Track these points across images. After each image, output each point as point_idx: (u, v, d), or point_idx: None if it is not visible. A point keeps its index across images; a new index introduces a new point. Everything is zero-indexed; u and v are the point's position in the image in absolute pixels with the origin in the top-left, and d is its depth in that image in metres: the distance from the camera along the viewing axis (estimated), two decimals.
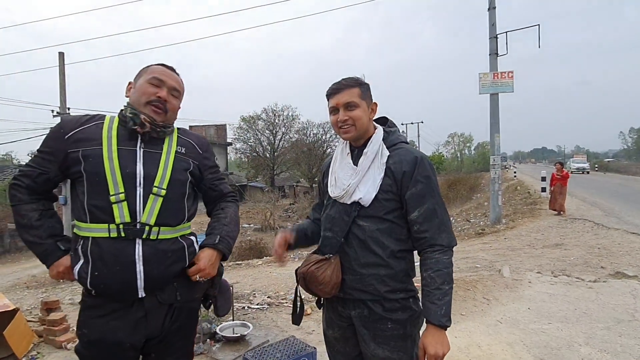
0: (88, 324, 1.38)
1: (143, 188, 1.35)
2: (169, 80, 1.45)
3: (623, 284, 4.76)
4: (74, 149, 1.35)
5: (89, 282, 1.33)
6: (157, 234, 1.36)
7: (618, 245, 6.88)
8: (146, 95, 1.41)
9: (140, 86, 1.43)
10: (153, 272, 1.35)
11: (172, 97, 1.46)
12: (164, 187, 1.39)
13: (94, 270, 1.32)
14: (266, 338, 3.40)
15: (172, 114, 1.47)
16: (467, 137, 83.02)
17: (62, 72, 14.22)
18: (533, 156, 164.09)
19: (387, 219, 1.45)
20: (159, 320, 1.41)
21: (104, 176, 1.32)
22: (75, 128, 1.38)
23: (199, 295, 1.54)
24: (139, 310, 1.38)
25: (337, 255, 1.48)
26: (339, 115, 1.48)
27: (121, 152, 1.36)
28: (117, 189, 1.32)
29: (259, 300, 4.58)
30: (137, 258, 1.32)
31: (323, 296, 1.52)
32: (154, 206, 1.36)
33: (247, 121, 37.18)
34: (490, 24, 10.89)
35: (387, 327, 1.44)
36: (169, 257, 1.39)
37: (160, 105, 1.41)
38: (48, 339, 3.33)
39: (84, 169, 1.33)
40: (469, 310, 4.07)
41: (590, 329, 3.51)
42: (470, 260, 6.45)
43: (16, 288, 10.29)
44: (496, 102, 10.90)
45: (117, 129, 1.40)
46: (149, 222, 1.35)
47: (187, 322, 1.52)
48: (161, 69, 1.47)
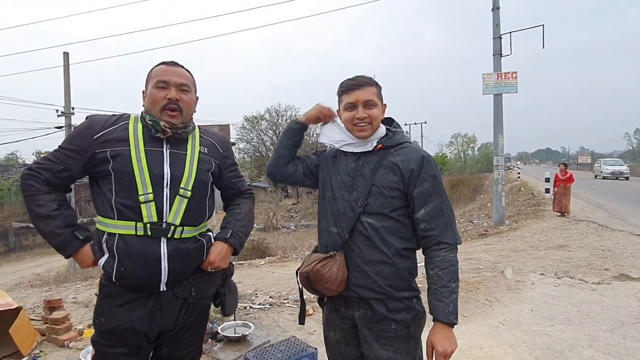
0: (105, 312, 1.42)
1: (170, 189, 1.41)
2: (174, 78, 1.45)
3: (627, 286, 4.72)
4: (102, 149, 1.38)
5: (115, 275, 1.38)
6: (181, 233, 1.42)
7: (622, 247, 6.84)
8: (158, 103, 1.43)
9: (150, 94, 1.45)
10: (176, 269, 1.41)
11: (183, 92, 1.46)
12: (189, 189, 1.44)
13: (120, 265, 1.37)
14: (267, 338, 3.40)
15: (188, 110, 1.49)
16: (470, 137, 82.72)
17: (66, 72, 14.30)
18: (537, 157, 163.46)
19: (392, 216, 1.45)
20: (173, 313, 1.46)
21: (133, 176, 1.37)
22: (104, 129, 1.41)
23: (211, 292, 1.58)
24: (156, 303, 1.43)
25: (341, 251, 1.48)
26: (358, 112, 1.47)
27: (149, 153, 1.41)
28: (145, 189, 1.37)
29: (261, 300, 4.58)
30: (163, 255, 1.38)
31: (329, 294, 1.50)
32: (179, 207, 1.42)
33: (250, 121, 37.27)
34: (494, 24, 10.86)
35: (391, 327, 1.44)
36: (190, 254, 1.45)
37: (174, 107, 1.43)
38: (50, 337, 3.34)
39: (112, 168, 1.37)
40: (471, 312, 4.06)
41: (593, 332, 3.49)
42: (473, 261, 6.43)
43: (20, 286, 10.37)
44: (500, 102, 10.86)
45: (142, 129, 1.44)
46: (174, 222, 1.40)
47: (199, 318, 1.56)
48: (163, 69, 1.47)
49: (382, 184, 1.45)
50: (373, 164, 1.49)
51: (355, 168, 1.52)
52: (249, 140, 38.02)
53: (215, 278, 1.58)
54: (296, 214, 30.04)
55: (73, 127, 14.47)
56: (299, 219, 27.91)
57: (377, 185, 1.45)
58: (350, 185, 1.50)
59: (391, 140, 1.52)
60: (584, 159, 60.94)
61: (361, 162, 1.52)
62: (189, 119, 1.51)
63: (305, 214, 27.60)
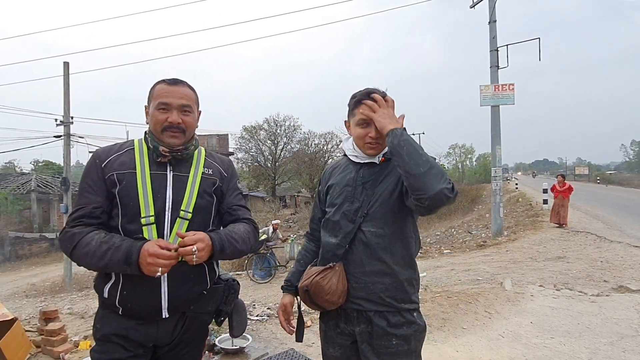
0: (102, 320, 1.44)
1: (171, 212, 1.41)
2: (175, 100, 1.44)
3: (626, 298, 4.71)
4: (110, 173, 1.41)
5: (118, 300, 1.39)
6: (182, 256, 1.38)
7: (621, 259, 6.83)
8: (159, 124, 1.44)
9: (152, 115, 1.46)
10: (177, 293, 1.41)
11: (184, 114, 1.46)
12: (190, 211, 1.44)
13: (122, 289, 1.38)
14: (265, 350, 3.37)
15: (190, 130, 1.49)
16: (468, 148, 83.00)
17: (66, 82, 14.36)
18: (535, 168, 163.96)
19: (395, 220, 1.45)
20: (169, 326, 1.44)
21: (137, 200, 1.38)
22: (109, 156, 1.44)
23: (212, 308, 1.55)
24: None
25: (340, 262, 1.47)
26: (371, 131, 1.45)
27: (154, 177, 1.43)
28: (147, 212, 1.38)
29: (259, 312, 4.54)
30: (163, 279, 1.38)
31: (329, 307, 1.48)
32: (180, 229, 1.42)
33: (249, 131, 37.36)
34: (491, 37, 10.99)
35: (392, 343, 1.42)
36: (191, 278, 1.44)
37: (175, 130, 1.44)
38: (46, 349, 3.30)
39: (118, 192, 1.39)
40: (470, 324, 4.03)
41: (593, 344, 3.46)
42: (471, 272, 6.41)
43: (15, 296, 10.26)
44: (497, 114, 10.95)
45: (148, 154, 1.46)
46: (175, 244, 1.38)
47: (197, 334, 1.54)
48: (164, 90, 1.45)
49: (384, 190, 1.45)
50: (374, 174, 1.49)
51: (355, 178, 1.52)
52: (247, 150, 38.07)
53: (216, 293, 1.54)
54: (294, 224, 29.94)
55: (72, 137, 14.49)
56: (297, 229, 27.80)
57: (380, 193, 1.46)
58: (351, 196, 1.50)
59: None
60: (581, 170, 61.23)
61: (361, 173, 1.52)
62: (190, 137, 1.51)
63: (303, 224, 27.51)
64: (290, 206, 39.97)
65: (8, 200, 21.87)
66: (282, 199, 38.77)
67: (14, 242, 20.17)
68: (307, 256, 1.70)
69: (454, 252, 9.11)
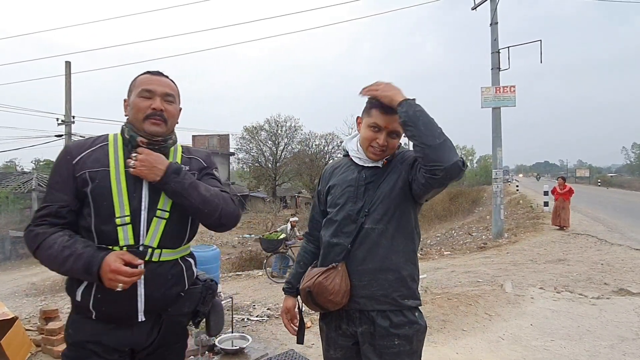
0: (75, 324, 1.38)
1: (147, 212, 1.35)
2: (159, 88, 1.40)
3: (627, 301, 4.70)
4: (82, 171, 1.34)
5: (92, 304, 1.32)
6: (159, 256, 1.36)
7: (621, 262, 6.82)
8: (142, 111, 1.37)
9: (133, 103, 1.39)
10: (154, 295, 1.35)
11: (167, 103, 1.41)
12: (167, 210, 1.38)
13: (97, 292, 1.31)
14: (265, 351, 3.36)
15: (172, 120, 1.44)
16: (469, 150, 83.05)
17: (68, 81, 14.39)
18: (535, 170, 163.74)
19: (396, 214, 1.45)
20: (145, 329, 1.38)
21: (111, 199, 1.32)
22: (81, 152, 1.37)
23: (189, 309, 1.48)
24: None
25: (343, 262, 1.46)
26: (380, 138, 1.44)
27: (128, 175, 1.35)
28: (123, 212, 1.32)
29: (259, 312, 4.55)
30: (139, 281, 1.31)
31: (332, 308, 1.47)
32: (157, 229, 1.36)
33: (250, 131, 37.37)
34: (493, 39, 11.00)
35: (394, 343, 1.42)
36: (169, 279, 1.39)
37: (157, 117, 1.38)
38: (46, 348, 3.30)
39: (91, 192, 1.32)
40: (470, 326, 4.03)
41: (593, 347, 3.46)
42: (472, 274, 6.40)
43: (15, 295, 10.27)
44: (498, 116, 10.94)
45: (123, 149, 1.39)
46: (151, 244, 1.35)
47: (176, 337, 1.49)
48: (148, 78, 1.42)
49: (387, 189, 1.46)
50: (376, 174, 1.50)
51: (358, 178, 1.52)
52: (248, 150, 38.09)
53: (193, 294, 1.49)
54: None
55: (73, 136, 14.52)
56: (298, 230, 27.77)
57: (382, 192, 1.46)
58: (354, 196, 1.50)
59: (396, 156, 1.53)
60: (582, 172, 61.12)
61: (364, 174, 1.52)
62: (171, 130, 1.46)
63: (304, 224, 27.47)
64: (290, 207, 39.94)
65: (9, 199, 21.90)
66: (282, 200, 38.74)
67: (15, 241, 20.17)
68: (307, 257, 1.70)
69: (454, 253, 9.10)
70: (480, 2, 11.36)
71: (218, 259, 3.53)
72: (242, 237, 25.98)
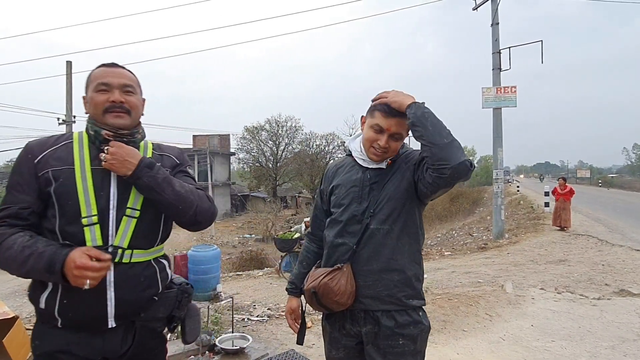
0: (41, 335, 1.29)
1: (116, 211, 1.28)
2: (116, 80, 1.32)
3: (628, 302, 4.69)
4: (44, 170, 1.26)
5: (57, 310, 1.23)
6: (130, 257, 1.29)
7: (622, 263, 6.81)
8: (100, 105, 1.30)
9: (91, 99, 1.32)
10: (125, 299, 1.27)
11: (127, 94, 1.34)
12: (138, 208, 1.31)
13: (62, 297, 1.23)
14: (266, 351, 3.36)
15: (135, 112, 1.36)
16: (470, 150, 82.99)
17: (69, 81, 14.41)
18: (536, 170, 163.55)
19: (402, 214, 1.45)
20: (117, 337, 1.30)
21: (76, 198, 1.24)
22: (44, 150, 1.30)
23: (163, 314, 1.41)
24: None
25: (348, 263, 1.46)
26: (382, 140, 1.44)
27: (95, 173, 1.28)
28: (89, 212, 1.25)
29: (259, 312, 4.55)
30: (108, 283, 1.24)
31: (337, 309, 1.47)
32: (127, 228, 1.29)
33: (251, 131, 37.38)
34: (494, 40, 11.00)
35: (399, 343, 1.42)
36: (141, 282, 1.31)
37: (118, 110, 1.31)
38: None
39: (54, 191, 1.25)
40: (471, 327, 4.02)
41: (594, 348, 3.45)
42: (472, 275, 6.40)
43: (16, 295, 10.26)
44: (499, 116, 10.94)
45: (89, 147, 1.32)
46: (122, 245, 1.27)
47: (153, 344, 1.41)
48: (103, 71, 1.35)
49: (392, 189, 1.46)
50: (381, 174, 1.50)
51: (363, 179, 1.51)
52: (249, 150, 38.09)
53: (168, 299, 1.41)
54: (295, 225, 29.93)
55: None
56: None
57: (387, 192, 1.46)
58: (359, 196, 1.49)
59: (399, 156, 1.53)
60: (583, 173, 61.02)
61: (368, 174, 1.51)
62: (136, 122, 1.38)
63: None
64: (291, 207, 39.95)
65: None
66: (283, 200, 38.75)
67: None
68: (310, 257, 1.69)
69: (455, 254, 9.10)
70: (481, 3, 11.36)
71: (219, 258, 3.53)
72: (242, 237, 26.00)
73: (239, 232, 28.10)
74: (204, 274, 3.32)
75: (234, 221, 32.68)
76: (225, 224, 30.98)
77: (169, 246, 20.43)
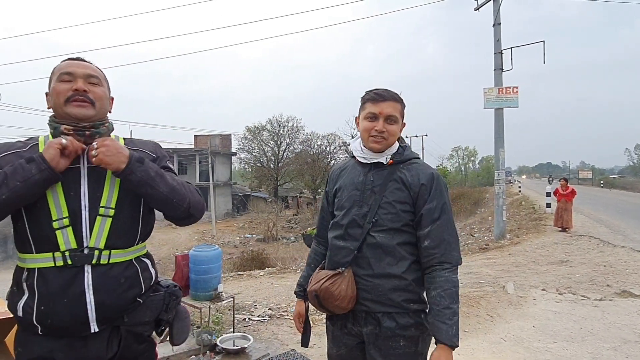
0: (22, 343, 1.25)
1: (89, 210, 1.23)
2: (79, 70, 1.28)
3: (629, 303, 4.68)
4: None
5: (35, 318, 1.19)
6: (108, 258, 1.24)
7: (624, 264, 6.80)
8: (62, 94, 1.24)
9: (53, 89, 1.27)
10: (105, 302, 1.22)
11: (92, 84, 1.28)
12: (112, 206, 1.26)
13: (40, 304, 1.18)
14: (267, 351, 3.37)
15: (101, 103, 1.30)
16: (471, 150, 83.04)
17: None
18: (538, 171, 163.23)
19: (405, 230, 1.45)
20: (101, 342, 1.25)
21: (46, 202, 1.20)
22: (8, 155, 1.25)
23: (150, 318, 1.36)
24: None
25: (349, 268, 1.46)
26: (378, 124, 1.45)
27: (63, 172, 1.22)
28: (60, 214, 1.20)
29: (260, 312, 4.55)
30: (87, 287, 1.19)
31: (338, 312, 1.48)
32: (102, 228, 1.24)
33: (252, 131, 37.48)
34: (495, 40, 10.98)
35: (400, 344, 1.42)
36: (122, 283, 1.25)
37: (81, 98, 1.25)
38: None
39: None
40: (472, 327, 4.02)
41: (596, 349, 3.45)
42: (474, 275, 6.39)
43: None
44: (501, 116, 10.93)
45: None
46: (97, 245, 1.23)
47: (142, 349, 1.36)
48: (67, 63, 1.30)
49: (393, 198, 1.45)
50: (382, 178, 1.48)
51: (364, 182, 1.50)
52: (250, 150, 38.20)
53: (154, 302, 1.36)
54: (296, 225, 29.98)
55: None
56: (299, 230, 27.84)
57: (388, 199, 1.45)
58: (359, 200, 1.49)
59: (401, 156, 1.51)
60: (584, 173, 60.88)
61: (371, 177, 1.50)
62: (103, 116, 1.32)
63: (305, 225, 27.56)
64: (292, 207, 39.99)
65: None
66: (284, 200, 38.80)
67: None
68: (317, 259, 1.70)
69: None
70: (483, 3, 11.34)
71: (220, 258, 3.53)
72: (243, 237, 26.04)
73: (240, 232, 28.14)
74: (205, 274, 3.33)
75: (235, 221, 32.73)
76: (227, 224, 31.04)
77: (171, 246, 20.56)
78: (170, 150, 32.02)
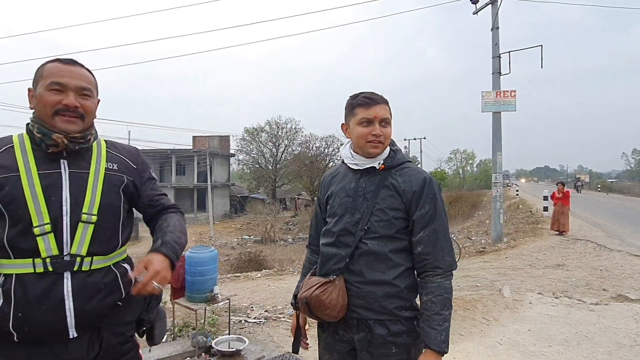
0: (3, 351, 1.22)
1: (70, 216, 1.20)
2: (72, 81, 1.23)
3: (625, 307, 4.69)
4: None
5: (12, 324, 1.15)
6: (90, 265, 1.23)
7: (620, 268, 6.81)
8: (50, 106, 1.20)
9: (40, 96, 1.22)
10: (85, 308, 1.20)
11: (83, 97, 1.25)
12: (95, 213, 1.24)
13: (16, 311, 1.15)
14: (262, 354, 3.35)
15: (90, 117, 1.28)
16: (469, 154, 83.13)
17: None
18: (535, 175, 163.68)
19: (398, 237, 1.43)
20: (81, 346, 1.23)
21: (25, 207, 1.17)
22: None
23: (131, 318, 1.36)
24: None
25: (341, 276, 1.44)
26: (375, 129, 1.43)
27: (43, 178, 1.19)
28: (41, 220, 1.17)
29: (256, 314, 4.54)
30: (66, 294, 1.17)
31: (329, 320, 1.47)
32: (84, 235, 1.22)
33: (251, 133, 37.45)
34: (494, 44, 11.02)
35: (392, 351, 1.41)
36: (101, 289, 1.24)
37: (71, 115, 1.22)
38: None
39: (0, 200, 1.17)
40: (467, 331, 4.02)
41: (591, 353, 3.45)
42: (470, 278, 6.40)
43: None
44: (499, 120, 10.96)
45: (32, 150, 1.23)
46: (79, 252, 1.21)
47: (124, 349, 1.34)
48: (59, 68, 1.24)
49: (385, 205, 1.43)
50: (374, 185, 1.46)
51: (356, 188, 1.48)
52: (248, 151, 38.16)
53: (133, 302, 1.34)
54: (294, 227, 29.96)
55: None
56: (297, 232, 27.82)
57: (380, 206, 1.43)
58: (351, 207, 1.47)
59: (393, 160, 1.49)
60: (582, 177, 61.01)
61: (363, 183, 1.48)
62: (89, 125, 1.30)
63: (303, 226, 27.53)
64: (290, 209, 39.98)
65: None
66: (282, 202, 38.76)
67: None
68: (311, 269, 1.66)
69: None
70: (481, 7, 11.39)
71: (216, 260, 3.52)
72: (241, 238, 26.00)
73: (238, 233, 28.10)
74: (201, 276, 3.32)
75: (232, 222, 32.68)
76: (224, 225, 30.99)
77: None
78: (169, 151, 32.02)
